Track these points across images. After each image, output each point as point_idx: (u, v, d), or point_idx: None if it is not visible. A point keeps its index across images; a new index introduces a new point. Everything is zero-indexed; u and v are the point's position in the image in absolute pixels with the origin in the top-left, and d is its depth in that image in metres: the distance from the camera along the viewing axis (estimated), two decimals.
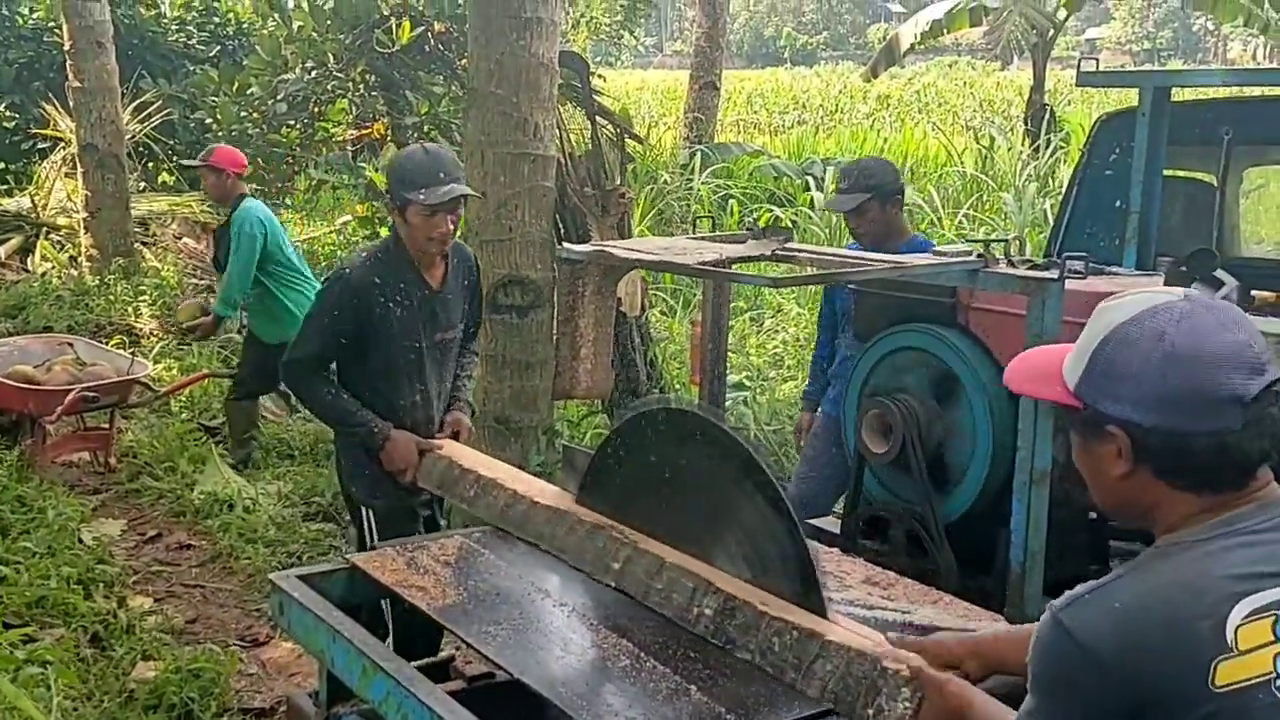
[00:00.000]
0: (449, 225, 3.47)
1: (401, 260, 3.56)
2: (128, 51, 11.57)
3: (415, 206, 3.42)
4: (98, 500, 6.07)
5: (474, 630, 2.53)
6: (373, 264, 3.55)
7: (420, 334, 3.58)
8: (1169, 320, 1.51)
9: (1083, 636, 1.46)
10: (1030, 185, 11.83)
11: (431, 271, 3.60)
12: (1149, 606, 1.45)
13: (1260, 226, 6.87)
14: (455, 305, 3.68)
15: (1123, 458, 1.54)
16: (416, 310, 3.56)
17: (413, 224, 3.47)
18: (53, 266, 10.16)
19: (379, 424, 3.54)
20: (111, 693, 4.06)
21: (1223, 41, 52.61)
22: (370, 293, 3.49)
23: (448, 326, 3.67)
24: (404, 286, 3.54)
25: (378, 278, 3.51)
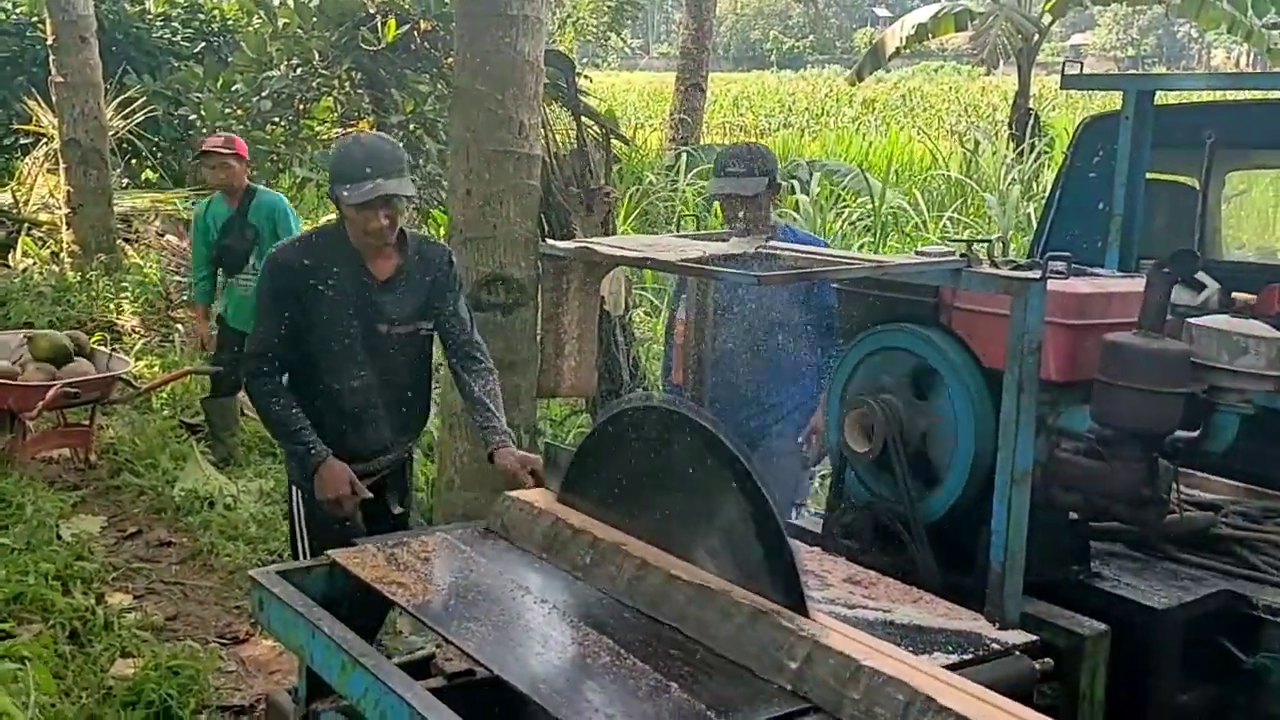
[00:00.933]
0: (382, 220, 3.39)
1: (340, 246, 3.50)
2: (112, 47, 11.51)
3: (343, 203, 3.40)
4: (77, 496, 6.03)
5: (454, 627, 2.52)
6: (303, 247, 3.55)
7: (353, 322, 3.51)
8: None
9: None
10: (1014, 189, 11.88)
11: (377, 262, 3.53)
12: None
13: (1242, 231, 6.92)
14: (407, 299, 3.58)
15: None
16: (351, 298, 3.50)
17: (349, 218, 3.44)
18: (34, 262, 10.10)
19: (317, 447, 3.46)
20: (90, 689, 4.04)
21: (1207, 48, 52.90)
22: (298, 274, 3.46)
23: (395, 320, 3.56)
24: (337, 272, 3.48)
25: (307, 260, 3.48)
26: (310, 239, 3.60)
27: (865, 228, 11.29)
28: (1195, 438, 2.90)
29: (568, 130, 6.05)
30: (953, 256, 2.74)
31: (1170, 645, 2.88)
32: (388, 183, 3.35)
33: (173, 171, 12.33)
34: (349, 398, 3.57)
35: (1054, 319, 2.75)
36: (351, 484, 3.46)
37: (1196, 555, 3.16)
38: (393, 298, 3.55)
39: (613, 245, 2.89)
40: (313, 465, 3.46)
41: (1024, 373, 2.56)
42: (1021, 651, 2.48)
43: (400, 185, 3.39)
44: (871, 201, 11.47)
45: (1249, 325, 2.84)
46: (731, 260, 2.60)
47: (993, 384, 2.80)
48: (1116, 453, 2.79)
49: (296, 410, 3.49)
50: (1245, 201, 6.99)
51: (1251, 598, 2.95)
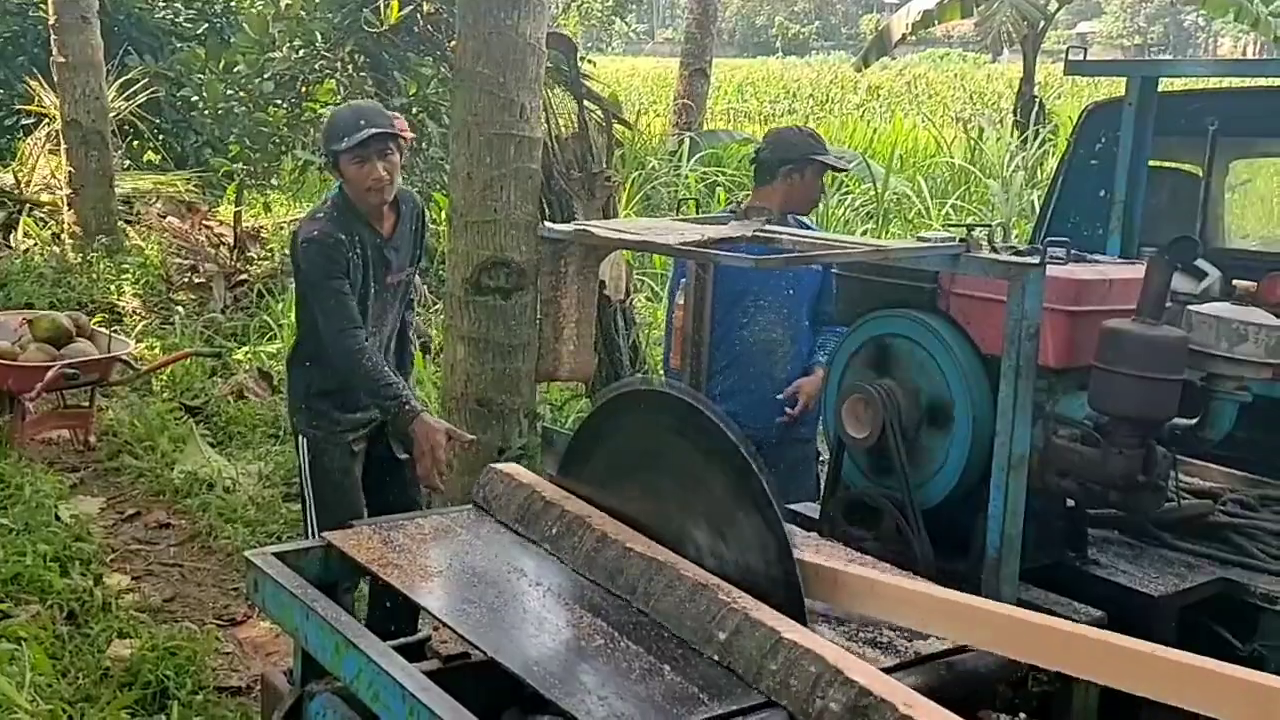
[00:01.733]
0: (381, 169, 3.63)
1: (351, 214, 3.75)
2: (114, 28, 11.48)
3: (345, 156, 3.63)
4: (76, 478, 6.04)
5: (449, 609, 2.52)
6: (332, 221, 3.73)
7: (376, 279, 3.79)
8: None
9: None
10: (1017, 176, 11.85)
11: (381, 221, 3.81)
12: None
13: (1245, 220, 6.90)
14: (405, 250, 3.92)
15: None
16: (371, 259, 3.77)
17: (349, 177, 3.68)
18: (35, 243, 10.09)
19: (413, 402, 3.67)
20: (86, 670, 4.05)
21: (1213, 37, 52.74)
22: (339, 247, 3.68)
23: (398, 270, 3.89)
24: (359, 238, 3.74)
25: (342, 233, 3.70)
26: (331, 214, 3.76)
27: (868, 214, 11.26)
28: (1193, 425, 2.89)
29: (570, 114, 6.03)
30: (953, 242, 2.73)
31: (1166, 632, 2.87)
32: (382, 128, 3.64)
33: (174, 153, 12.31)
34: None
35: (1052, 305, 2.74)
36: (449, 433, 3.63)
37: (1193, 543, 3.15)
38: (395, 251, 3.86)
39: (611, 228, 2.88)
40: (408, 420, 3.62)
41: (1022, 358, 2.55)
42: None
43: (388, 128, 3.66)
44: (874, 188, 11.44)
45: (1247, 313, 2.83)
46: (729, 244, 2.59)
47: (991, 370, 2.80)
48: (1114, 439, 2.78)
49: (388, 367, 3.73)
50: (1249, 191, 6.97)
51: (1248, 585, 2.95)
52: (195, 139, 11.65)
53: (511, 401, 4.96)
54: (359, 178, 3.65)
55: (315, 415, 3.89)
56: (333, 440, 3.88)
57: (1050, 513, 3.00)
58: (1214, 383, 2.85)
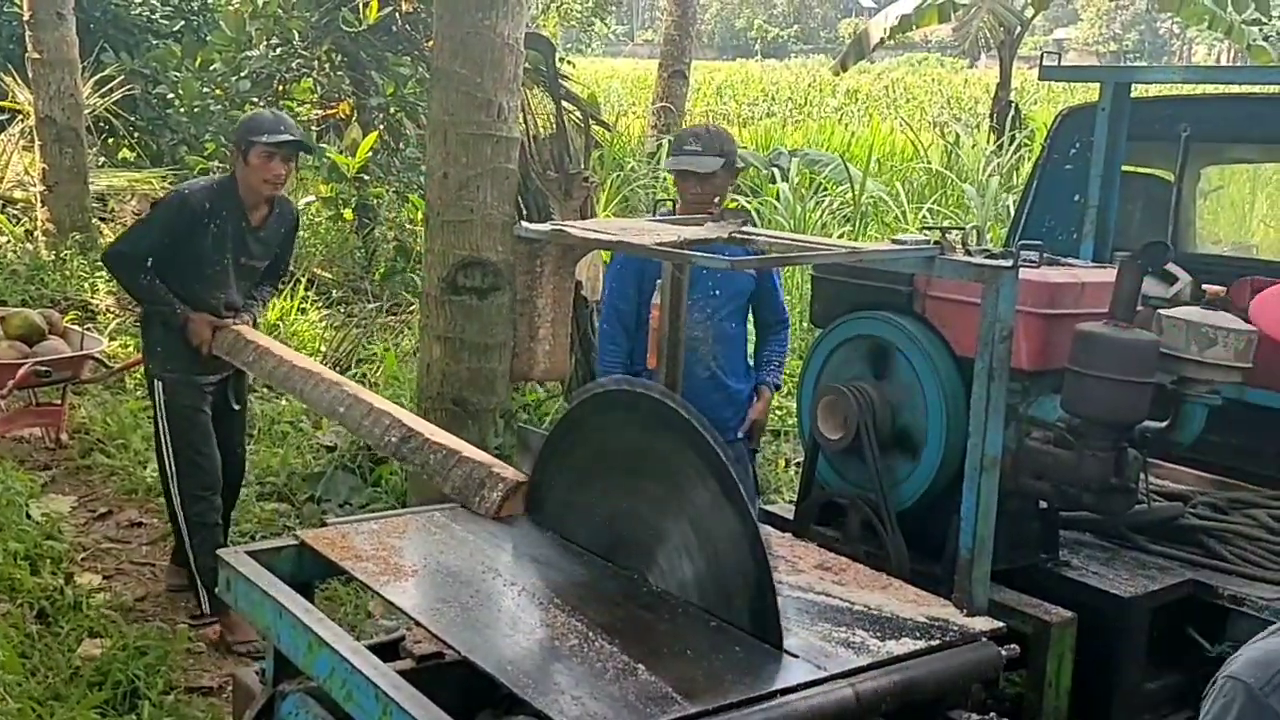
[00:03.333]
0: (282, 170, 4.43)
1: (231, 195, 4.49)
2: (89, 24, 11.39)
3: (258, 148, 4.35)
4: (48, 476, 5.99)
5: (423, 608, 2.51)
6: (207, 192, 4.51)
7: (230, 255, 4.53)
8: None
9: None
10: (993, 180, 11.91)
11: (254, 211, 4.54)
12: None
13: (1217, 225, 6.96)
14: (268, 242, 4.66)
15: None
16: (231, 237, 4.49)
17: (252, 165, 4.39)
18: (8, 240, 10.00)
19: (180, 306, 4.46)
20: (56, 669, 4.01)
21: (1188, 45, 53.17)
22: (198, 213, 4.42)
23: (257, 257, 4.65)
24: (225, 214, 4.46)
25: (208, 203, 4.44)
26: (212, 187, 4.57)
27: (845, 217, 11.29)
28: (1164, 428, 2.91)
29: (548, 115, 6.03)
30: (927, 245, 2.74)
31: (1136, 634, 2.90)
32: (296, 136, 4.46)
33: (150, 151, 12.22)
34: (211, 309, 4.52)
35: (1026, 308, 2.76)
36: (211, 323, 4.47)
37: (1164, 545, 3.18)
38: (258, 241, 4.61)
39: (587, 228, 2.88)
40: (181, 320, 4.46)
41: (995, 361, 2.56)
42: (989, 638, 2.48)
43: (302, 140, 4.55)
44: (852, 191, 11.48)
45: (1218, 317, 2.86)
46: (704, 244, 2.59)
47: (965, 372, 2.81)
48: (1086, 442, 2.81)
49: (159, 284, 4.48)
50: (1222, 198, 7.03)
51: (1217, 587, 2.98)
52: (171, 136, 11.56)
53: (487, 401, 4.94)
54: (261, 169, 4.38)
55: (168, 359, 4.53)
56: (186, 383, 4.53)
57: (1023, 514, 3.02)
58: (1184, 386, 2.88)
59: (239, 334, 4.42)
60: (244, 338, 4.38)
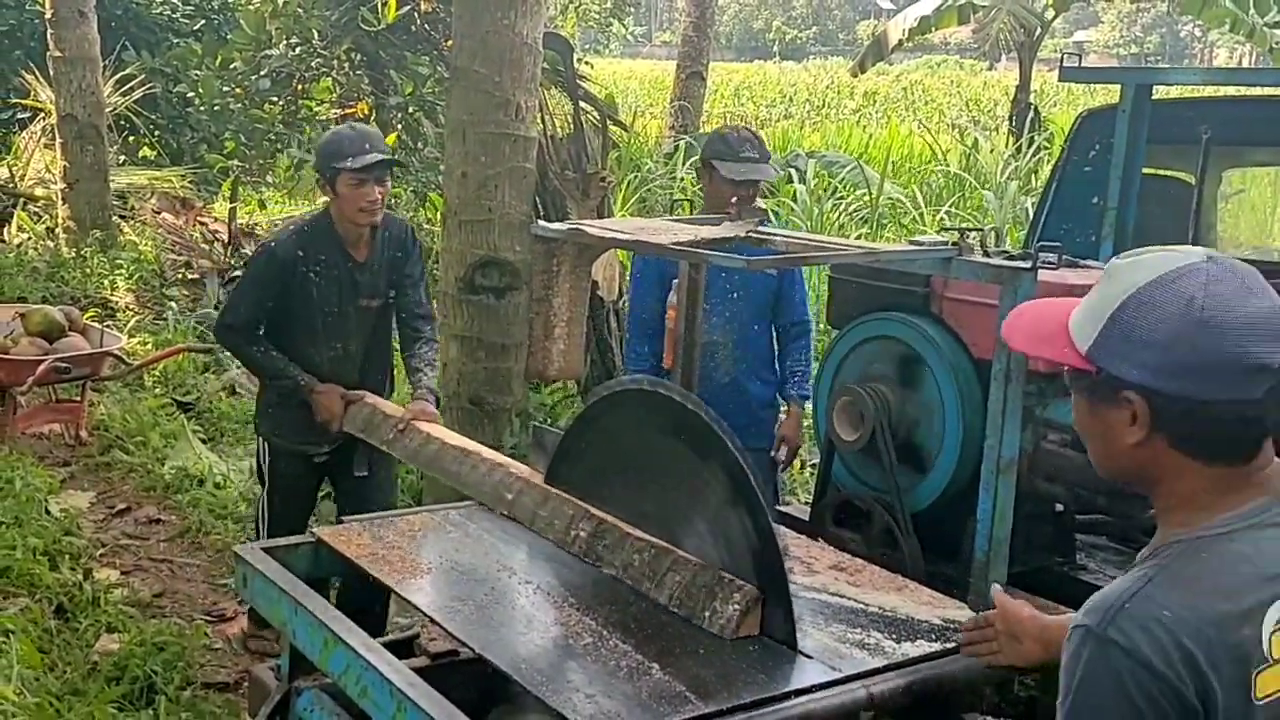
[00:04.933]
0: (377, 193, 3.78)
1: (326, 234, 3.89)
2: (110, 23, 11.47)
3: (345, 175, 3.73)
4: (67, 472, 6.02)
5: (438, 606, 2.52)
6: (298, 237, 3.91)
7: (339, 301, 3.93)
8: (1197, 284, 1.42)
9: (1140, 653, 1.34)
10: (1012, 183, 11.86)
11: (357, 246, 3.92)
12: (1194, 616, 1.35)
13: (1239, 230, 6.91)
14: (381, 276, 3.99)
15: (1138, 424, 1.45)
16: (337, 280, 3.91)
17: (342, 194, 3.78)
18: (29, 237, 10.07)
19: (305, 378, 3.90)
20: (74, 664, 4.03)
21: (1210, 47, 52.88)
22: (294, 264, 3.85)
23: (371, 295, 3.99)
24: (325, 258, 3.88)
25: (301, 250, 3.86)
26: (303, 230, 3.94)
27: (862, 219, 11.27)
28: None
29: (565, 115, 6.04)
30: (945, 246, 2.74)
31: None
32: (384, 155, 3.82)
33: (170, 149, 12.29)
34: (325, 367, 3.96)
35: None
36: (343, 396, 3.88)
37: None
38: (369, 276, 3.96)
39: (604, 227, 2.89)
40: (306, 394, 3.89)
41: (1012, 363, 2.56)
42: None
43: (390, 157, 3.87)
44: (869, 193, 11.46)
45: None
46: (722, 244, 2.59)
47: (982, 374, 2.80)
48: None
49: (276, 354, 3.94)
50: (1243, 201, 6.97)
51: None
52: (191, 135, 11.64)
53: (504, 401, 4.95)
54: (354, 198, 3.77)
55: (277, 423, 4.06)
56: (290, 450, 4.06)
57: (1039, 517, 3.01)
58: None
59: (375, 408, 3.77)
60: (380, 412, 3.73)
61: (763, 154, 3.94)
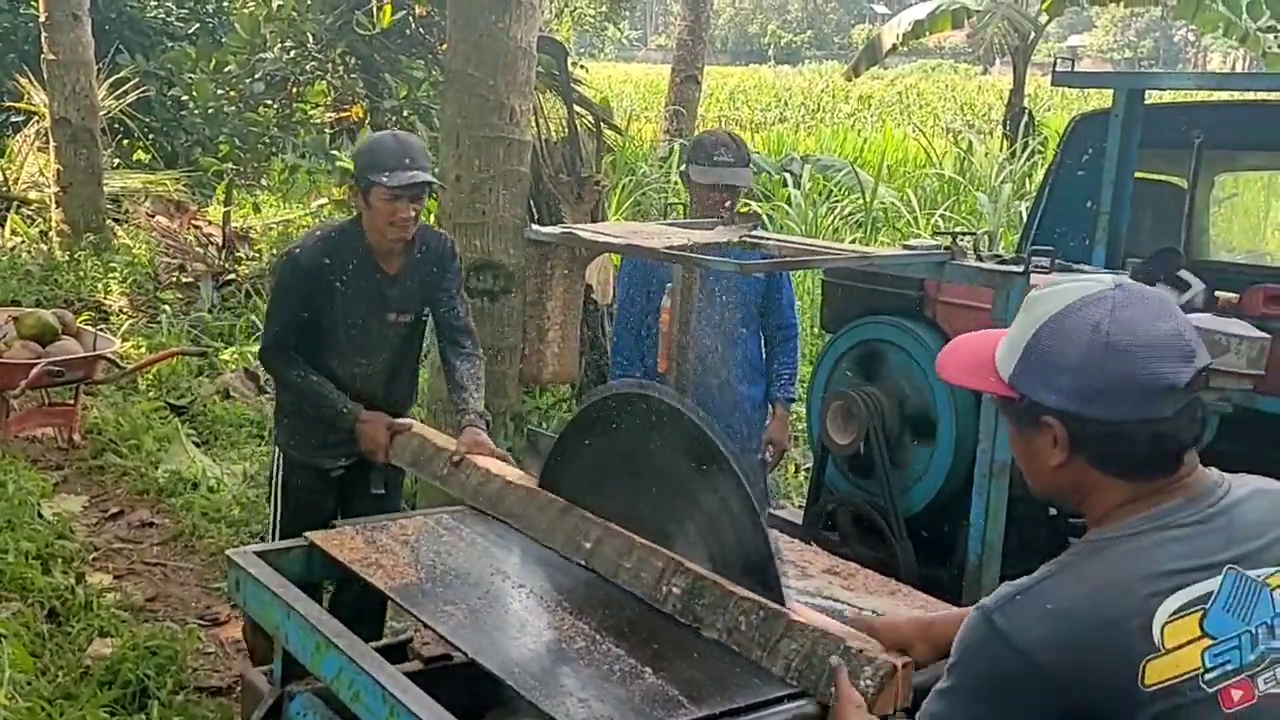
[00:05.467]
0: (410, 212, 3.50)
1: (355, 242, 3.61)
2: (105, 26, 11.46)
3: (379, 189, 3.46)
4: (60, 476, 6.01)
5: (431, 610, 2.52)
6: (323, 244, 3.62)
7: (367, 313, 3.64)
8: (1103, 311, 1.50)
9: (1018, 640, 1.44)
10: (1006, 187, 11.88)
11: (389, 259, 3.64)
12: (1081, 607, 1.44)
13: (1231, 234, 6.92)
14: (414, 290, 3.70)
15: (1059, 447, 1.54)
16: (364, 292, 3.62)
17: (375, 207, 3.51)
18: (22, 241, 10.06)
19: (349, 406, 3.61)
20: (67, 668, 4.02)
21: (1203, 52, 52.99)
22: (320, 273, 3.56)
23: (402, 310, 3.71)
24: (352, 268, 3.59)
25: (327, 258, 3.57)
26: (330, 236, 3.67)
27: (857, 223, 11.29)
28: None
29: (560, 118, 6.04)
30: (938, 250, 2.74)
31: None
32: (424, 174, 3.48)
33: (164, 152, 12.28)
34: (350, 382, 3.69)
35: None
36: (389, 426, 3.57)
37: None
38: (400, 290, 3.68)
39: (597, 232, 2.89)
40: (350, 422, 3.61)
41: None
42: None
43: (430, 176, 3.52)
44: (863, 197, 11.48)
45: (1229, 324, 2.85)
46: (715, 249, 2.59)
47: None
48: None
49: (319, 378, 3.65)
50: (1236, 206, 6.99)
51: None
52: (185, 138, 11.63)
53: (498, 404, 4.95)
54: (385, 213, 3.50)
55: (295, 435, 3.82)
56: (307, 464, 3.81)
57: (1032, 521, 3.01)
58: None
59: (424, 439, 3.44)
60: (430, 444, 3.39)
61: (739, 158, 3.90)
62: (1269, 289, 3.40)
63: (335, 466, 3.80)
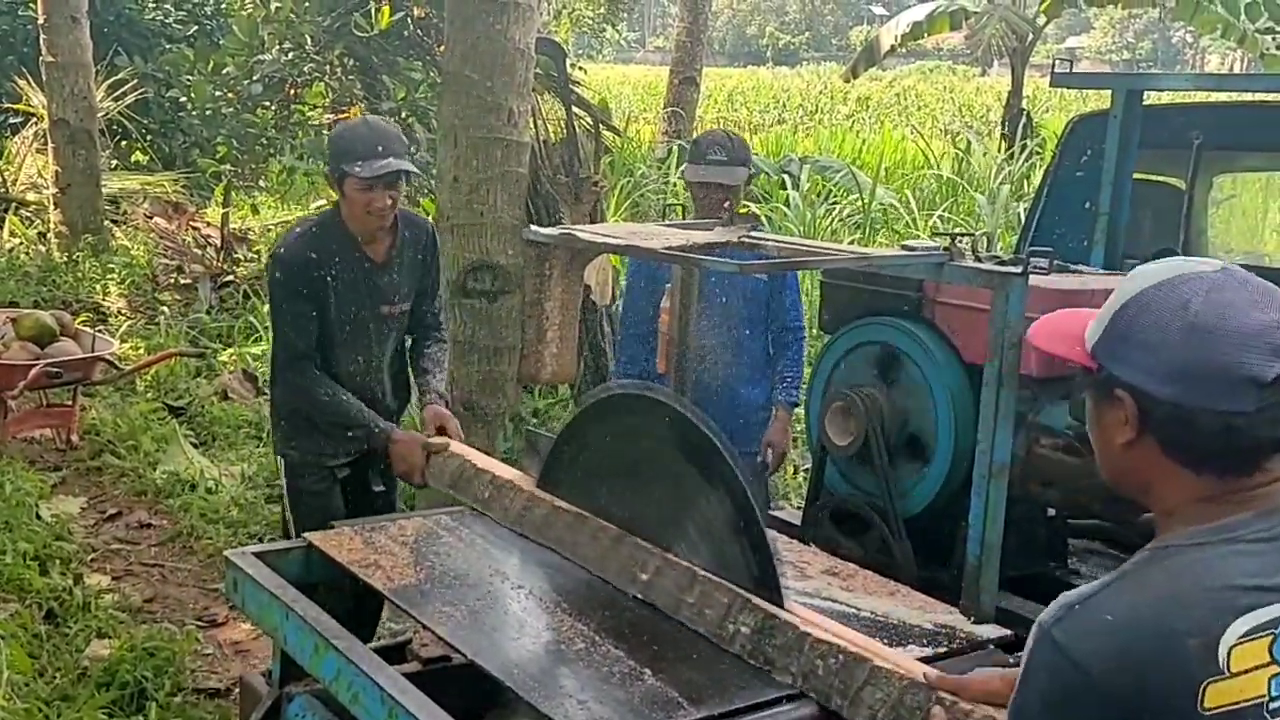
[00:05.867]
0: (386, 200, 3.43)
1: (338, 232, 3.52)
2: (103, 28, 11.45)
3: (352, 179, 3.39)
4: (58, 477, 6.01)
5: (430, 612, 2.52)
6: (305, 239, 3.53)
7: (359, 306, 3.55)
8: (1197, 290, 1.42)
9: (1075, 652, 1.37)
10: (1004, 188, 11.89)
11: (373, 245, 3.55)
12: (1141, 618, 1.36)
13: (1230, 235, 6.92)
14: (403, 279, 3.63)
15: (1128, 425, 1.46)
16: (355, 283, 3.53)
17: (350, 197, 3.44)
18: (21, 242, 10.05)
19: (380, 425, 3.49)
20: (64, 669, 4.02)
21: (1201, 54, 53.03)
22: (308, 267, 3.47)
23: (394, 300, 3.62)
24: (340, 260, 3.50)
25: (313, 252, 3.48)
26: (310, 230, 3.57)
27: (855, 224, 11.29)
28: None
29: (559, 119, 6.04)
30: (937, 251, 2.74)
31: None
32: (399, 161, 3.40)
33: (162, 154, 12.26)
34: (347, 379, 3.59)
35: (1035, 314, 2.75)
36: (424, 445, 3.41)
37: None
38: (390, 278, 3.60)
39: (596, 232, 2.88)
40: (381, 442, 3.48)
41: (1004, 367, 2.56)
42: (996, 646, 2.48)
43: (406, 164, 3.44)
44: (862, 198, 11.48)
45: None
46: (713, 249, 2.59)
47: (974, 378, 2.80)
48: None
49: (347, 395, 3.53)
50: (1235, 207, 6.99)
51: None
52: (183, 140, 11.62)
53: (497, 405, 4.95)
54: (360, 202, 3.43)
55: (294, 436, 3.69)
56: (311, 463, 3.69)
57: (1032, 522, 3.01)
58: None
59: (464, 460, 3.24)
60: (473, 465, 3.19)
61: (734, 157, 3.88)
62: None
63: (339, 464, 3.69)
